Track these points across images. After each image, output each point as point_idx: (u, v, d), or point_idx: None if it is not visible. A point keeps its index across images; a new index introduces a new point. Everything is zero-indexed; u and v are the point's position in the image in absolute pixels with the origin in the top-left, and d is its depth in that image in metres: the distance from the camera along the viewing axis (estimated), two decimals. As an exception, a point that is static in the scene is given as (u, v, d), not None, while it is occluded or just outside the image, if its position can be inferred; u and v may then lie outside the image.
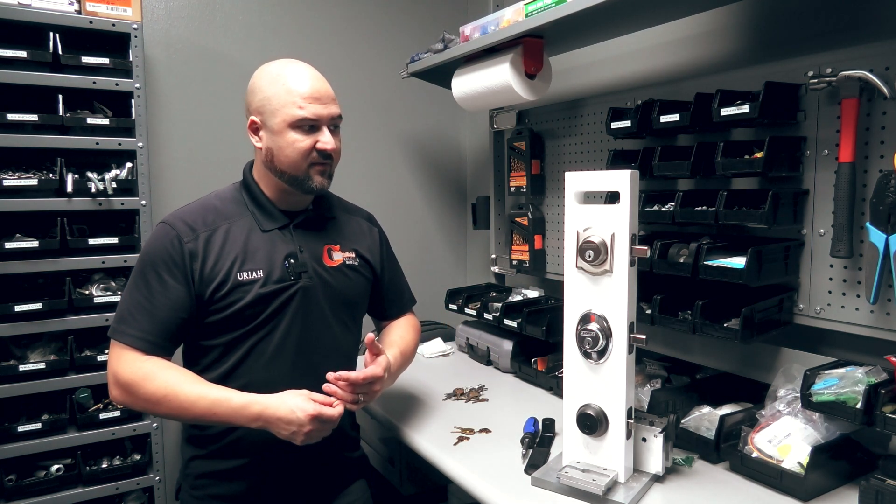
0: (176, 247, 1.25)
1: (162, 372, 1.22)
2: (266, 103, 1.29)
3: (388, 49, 2.61)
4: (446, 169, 2.85)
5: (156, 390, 1.20)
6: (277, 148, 1.29)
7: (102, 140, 1.90)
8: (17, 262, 1.80)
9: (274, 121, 1.28)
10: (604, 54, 2.02)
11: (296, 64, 1.32)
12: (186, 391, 1.20)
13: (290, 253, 1.33)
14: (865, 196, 1.28)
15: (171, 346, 1.28)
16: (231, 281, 1.26)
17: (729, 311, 1.40)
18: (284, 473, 1.34)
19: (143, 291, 1.25)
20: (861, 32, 1.35)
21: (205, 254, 1.26)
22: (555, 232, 2.17)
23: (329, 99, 1.30)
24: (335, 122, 1.32)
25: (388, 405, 1.72)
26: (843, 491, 1.20)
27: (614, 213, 1.16)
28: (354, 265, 1.43)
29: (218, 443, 1.32)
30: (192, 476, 1.36)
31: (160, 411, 1.22)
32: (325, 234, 1.41)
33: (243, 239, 1.30)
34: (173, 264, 1.25)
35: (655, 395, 1.47)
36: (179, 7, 2.24)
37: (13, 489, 1.82)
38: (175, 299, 1.24)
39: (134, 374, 1.21)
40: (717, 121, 1.41)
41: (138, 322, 1.24)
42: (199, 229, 1.28)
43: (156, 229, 1.31)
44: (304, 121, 1.27)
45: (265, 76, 1.32)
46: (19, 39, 1.82)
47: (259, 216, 1.34)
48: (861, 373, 1.20)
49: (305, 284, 1.32)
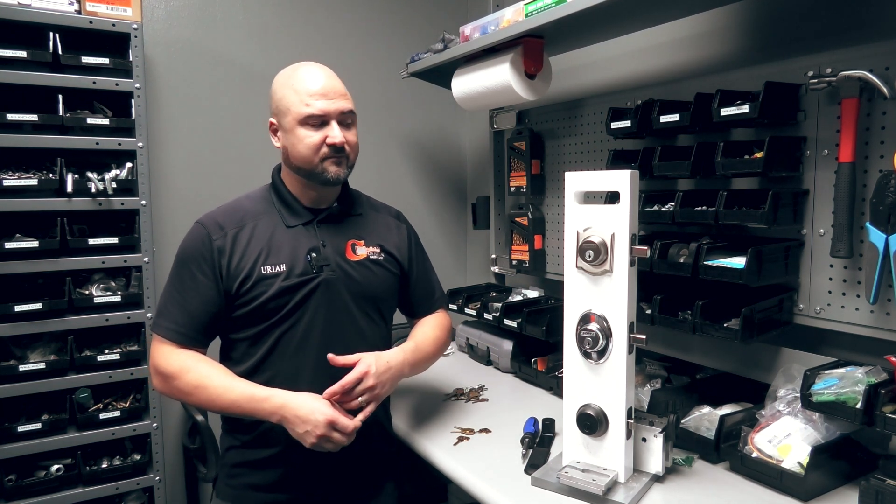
0: (206, 244, 1.32)
1: (196, 365, 1.30)
2: (280, 104, 1.35)
3: (388, 49, 2.61)
4: (446, 169, 2.85)
5: (189, 382, 1.28)
6: (291, 145, 1.34)
7: (102, 140, 1.90)
8: (17, 262, 1.80)
9: (286, 120, 1.34)
10: (604, 54, 2.02)
11: (307, 65, 1.38)
12: (216, 384, 1.27)
13: (312, 247, 1.36)
14: (865, 196, 1.28)
15: (205, 339, 1.35)
16: (255, 275, 1.31)
17: (729, 311, 1.40)
18: (317, 463, 1.35)
19: (177, 287, 1.33)
20: (861, 32, 1.35)
21: (232, 249, 1.32)
22: (555, 232, 2.17)
23: (336, 94, 1.34)
24: (346, 118, 1.35)
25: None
26: (843, 491, 1.20)
27: (614, 213, 1.16)
28: (379, 260, 1.45)
29: (251, 433, 1.35)
30: (228, 465, 1.40)
31: (193, 401, 1.31)
32: (350, 230, 1.44)
33: (268, 235, 1.36)
34: (203, 261, 1.32)
35: (655, 395, 1.47)
36: (179, 7, 2.24)
37: (13, 489, 1.81)
38: (205, 294, 1.31)
39: (171, 366, 1.30)
40: (717, 121, 1.41)
41: (173, 316, 1.32)
42: (227, 227, 1.35)
43: (191, 229, 1.38)
44: (312, 117, 1.31)
45: (280, 79, 1.38)
46: (19, 39, 1.82)
47: (284, 213, 1.39)
48: (861, 373, 1.21)
49: (328, 277, 1.35)
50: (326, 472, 1.38)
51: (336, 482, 1.39)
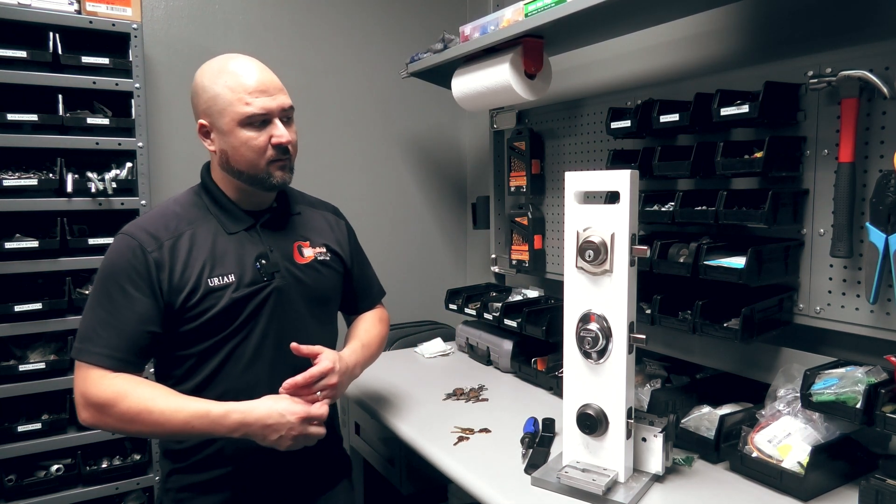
0: (139, 258, 1.19)
1: (135, 389, 1.16)
2: (212, 104, 1.23)
3: (388, 49, 2.61)
4: (446, 169, 2.85)
5: (129, 408, 1.14)
6: (231, 148, 1.24)
7: (102, 140, 1.90)
8: (17, 262, 1.80)
9: (223, 121, 1.23)
10: (604, 54, 2.02)
11: (237, 58, 1.27)
12: (161, 406, 1.15)
13: (260, 254, 1.29)
14: (865, 196, 1.28)
15: (141, 361, 1.22)
16: (202, 288, 1.22)
17: (729, 311, 1.40)
18: (268, 479, 1.31)
19: (106, 307, 1.19)
20: (861, 32, 1.35)
21: (171, 262, 1.21)
22: (555, 232, 2.17)
23: (276, 90, 1.25)
24: (287, 114, 1.27)
25: (388, 405, 1.72)
26: (843, 491, 1.20)
27: (614, 213, 1.16)
28: (326, 260, 1.40)
29: (198, 454, 1.28)
30: (174, 490, 1.31)
31: (134, 430, 1.17)
32: (293, 231, 1.38)
33: (210, 243, 1.26)
34: (137, 276, 1.19)
35: (655, 395, 1.47)
36: (179, 7, 2.24)
37: (13, 489, 1.82)
38: (142, 312, 1.19)
39: (104, 393, 1.15)
40: (717, 121, 1.41)
41: (104, 339, 1.17)
42: (162, 238, 1.23)
43: (115, 241, 1.24)
44: (254, 117, 1.21)
45: (207, 75, 1.25)
46: (19, 39, 1.82)
47: (223, 219, 1.30)
48: (861, 373, 1.20)
49: (279, 285, 1.29)
50: (280, 487, 1.33)
51: (291, 494, 1.35)
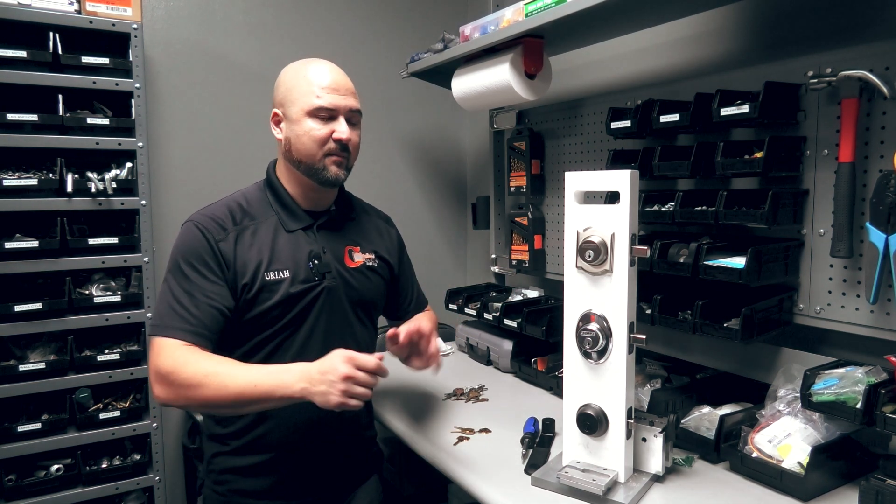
0: (211, 244, 1.26)
1: (199, 356, 1.19)
2: (287, 94, 1.33)
3: (388, 49, 2.61)
4: (446, 169, 2.85)
5: (195, 371, 1.16)
6: (295, 136, 1.31)
7: (102, 140, 1.90)
8: (17, 262, 1.80)
9: (293, 110, 1.31)
10: (604, 54, 2.02)
11: (319, 60, 1.37)
12: (227, 367, 1.18)
13: (314, 254, 1.35)
14: (865, 196, 1.28)
15: (213, 335, 1.23)
16: (259, 281, 1.28)
17: (729, 311, 1.40)
18: (307, 469, 1.36)
19: (182, 285, 1.24)
20: (861, 32, 1.35)
21: (235, 253, 1.28)
22: (555, 232, 2.17)
23: (347, 91, 1.34)
24: (353, 116, 1.35)
25: (388, 405, 1.72)
26: (843, 491, 1.20)
27: (614, 213, 1.16)
28: (374, 266, 1.46)
29: (241, 439, 1.34)
30: (216, 472, 1.38)
31: (200, 396, 1.16)
32: (346, 235, 1.44)
33: (270, 239, 1.32)
34: (210, 258, 1.26)
35: (655, 395, 1.47)
36: (179, 7, 2.24)
37: (13, 489, 1.82)
38: (214, 290, 1.24)
39: (170, 360, 1.17)
40: (717, 121, 1.41)
41: (179, 314, 1.21)
42: (228, 228, 1.30)
43: (184, 229, 1.30)
44: (321, 109, 1.30)
45: (289, 70, 1.37)
46: (19, 39, 1.82)
47: (284, 216, 1.36)
48: (861, 373, 1.20)
49: (329, 285, 1.35)
50: (318, 477, 1.38)
51: (324, 485, 1.39)
